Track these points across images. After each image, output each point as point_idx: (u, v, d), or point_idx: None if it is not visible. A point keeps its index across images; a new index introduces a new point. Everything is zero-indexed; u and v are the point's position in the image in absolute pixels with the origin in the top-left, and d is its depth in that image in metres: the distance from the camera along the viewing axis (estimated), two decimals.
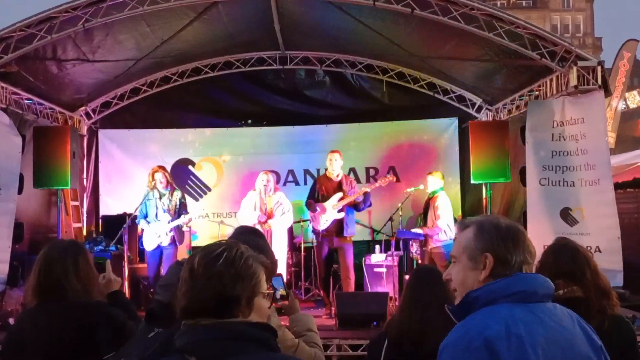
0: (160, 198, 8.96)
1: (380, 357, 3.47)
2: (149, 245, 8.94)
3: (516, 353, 1.96)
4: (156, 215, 8.94)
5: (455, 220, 9.55)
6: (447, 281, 2.31)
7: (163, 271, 8.97)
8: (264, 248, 3.09)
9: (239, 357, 1.97)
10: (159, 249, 8.94)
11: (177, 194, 9.08)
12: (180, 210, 9.02)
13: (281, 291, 3.27)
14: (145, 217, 9.02)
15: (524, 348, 1.97)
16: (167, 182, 8.99)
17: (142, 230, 9.17)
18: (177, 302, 2.14)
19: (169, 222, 8.88)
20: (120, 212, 10.54)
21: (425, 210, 9.26)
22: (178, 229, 9.01)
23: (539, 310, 2.09)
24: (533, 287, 2.12)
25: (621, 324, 3.32)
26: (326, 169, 9.24)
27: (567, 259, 3.42)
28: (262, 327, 2.09)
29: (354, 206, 9.02)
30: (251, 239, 3.13)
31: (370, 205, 9.15)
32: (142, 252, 9.48)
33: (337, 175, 9.10)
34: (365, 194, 8.96)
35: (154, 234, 8.88)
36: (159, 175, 8.93)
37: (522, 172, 8.70)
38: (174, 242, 8.98)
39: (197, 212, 10.92)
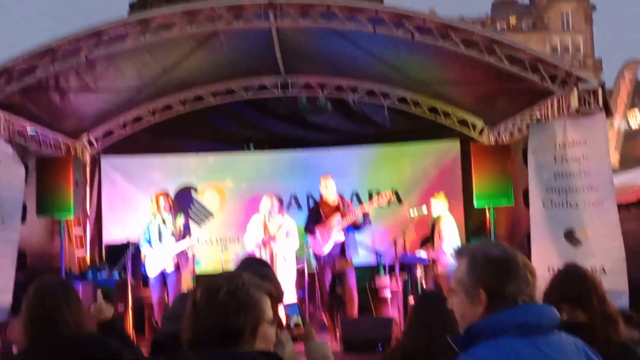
0: (165, 222, 9.00)
1: None
2: (152, 271, 8.96)
3: None
4: (160, 239, 8.96)
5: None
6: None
7: (168, 298, 8.96)
8: (269, 277, 3.09)
9: None
10: (162, 274, 8.94)
11: (181, 218, 9.12)
12: (185, 233, 9.06)
13: (296, 319, 3.24)
14: (149, 242, 9.04)
15: None
16: (170, 206, 9.03)
17: (145, 255, 9.16)
18: (183, 335, 2.16)
19: (172, 247, 8.90)
20: (124, 239, 10.49)
21: (431, 234, 9.27)
22: (182, 254, 9.03)
23: (543, 343, 2.05)
24: (537, 319, 2.08)
25: (627, 350, 3.30)
26: (322, 195, 9.31)
27: (574, 283, 3.42)
28: (267, 356, 2.10)
29: (355, 227, 9.05)
30: (256, 269, 3.14)
31: (369, 223, 9.19)
32: (145, 278, 9.46)
33: (334, 201, 9.17)
34: (364, 215, 9.00)
35: (158, 259, 8.89)
36: (162, 200, 8.98)
37: (526, 194, 8.70)
38: (177, 268, 8.99)
39: (200, 238, 10.95)
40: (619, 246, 7.73)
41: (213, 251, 10.77)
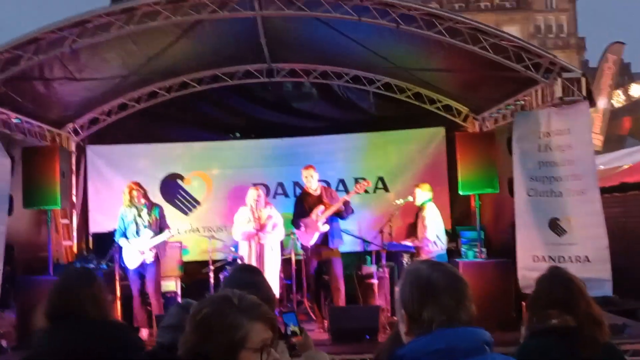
0: (140, 215, 8.99)
1: None
2: (130, 263, 8.98)
3: None
4: (137, 232, 8.96)
5: (446, 231, 9.65)
6: None
7: (148, 287, 8.99)
8: (259, 285, 3.09)
9: None
10: (142, 266, 8.96)
11: (157, 209, 9.11)
12: (162, 225, 9.06)
13: (293, 327, 3.22)
14: (124, 234, 9.04)
15: None
16: (144, 197, 9.02)
17: (123, 248, 9.11)
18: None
19: (151, 238, 8.91)
20: (111, 228, 10.44)
21: (415, 222, 9.35)
22: (161, 245, 9.04)
23: None
24: (451, 343, 2.06)
25: (613, 352, 3.39)
26: (304, 186, 9.37)
27: (561, 288, 3.46)
28: None
29: (339, 215, 9.12)
30: (246, 276, 3.18)
31: (352, 212, 9.29)
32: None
33: (316, 190, 9.24)
34: (345, 203, 9.06)
35: (136, 252, 8.91)
36: (134, 191, 8.96)
37: (510, 183, 8.77)
38: (157, 258, 9.01)
39: (186, 226, 10.98)
40: (602, 234, 7.83)
41: (200, 240, 10.78)
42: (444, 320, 2.11)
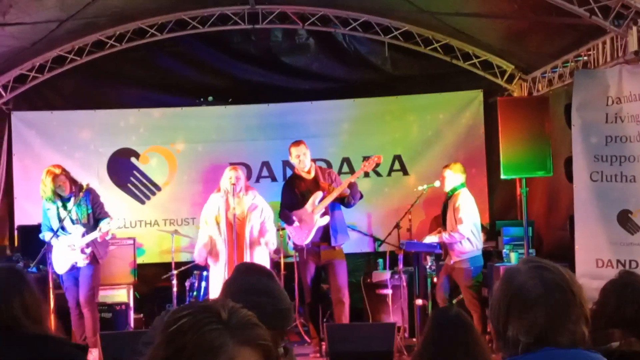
0: (65, 206, 8.93)
1: None
2: (60, 266, 8.93)
3: None
4: (63, 228, 8.92)
5: (482, 226, 9.63)
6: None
7: (80, 297, 8.97)
8: (274, 292, 3.13)
9: None
10: (75, 269, 8.93)
11: (85, 199, 9.01)
12: (98, 213, 9.00)
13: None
14: (51, 229, 9.01)
15: None
16: (70, 184, 8.96)
17: (50, 246, 9.06)
18: None
19: (83, 236, 8.87)
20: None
21: (443, 214, 9.32)
22: (99, 243, 8.99)
23: None
24: None
25: None
26: (294, 168, 9.33)
27: (633, 303, 3.43)
28: None
29: (342, 202, 9.08)
30: (259, 281, 3.17)
31: (361, 197, 9.23)
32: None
33: (309, 171, 9.17)
34: (351, 185, 9.01)
35: (65, 252, 8.87)
36: (58, 178, 8.87)
37: (568, 164, 8.73)
38: (94, 260, 8.95)
39: (142, 218, 10.95)
40: None
41: (160, 236, 10.77)
42: (530, 343, 2.12)
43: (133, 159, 11.50)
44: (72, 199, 8.93)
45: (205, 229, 9.09)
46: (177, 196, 11.48)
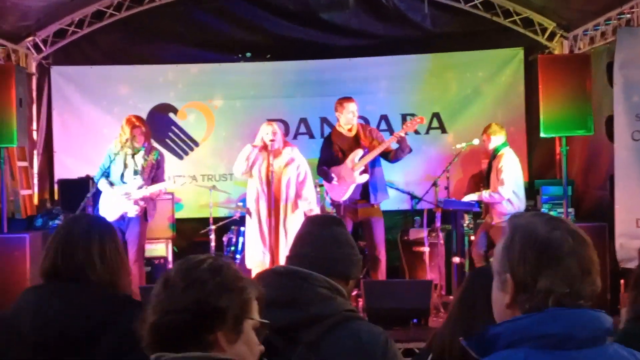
0: (133, 156, 8.97)
1: None
2: (109, 214, 8.91)
3: None
4: (122, 175, 8.95)
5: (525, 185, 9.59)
6: None
7: (129, 251, 9.00)
8: (354, 243, 3.24)
9: None
10: (123, 219, 8.97)
11: (155, 155, 9.08)
12: (158, 175, 9.05)
13: None
14: (108, 176, 9.06)
15: None
16: (146, 137, 9.00)
17: (100, 193, 9.10)
18: (143, 324, 2.20)
19: (139, 188, 8.91)
20: (82, 174, 10.61)
21: (487, 174, 9.28)
22: (150, 200, 9.04)
23: None
24: (567, 329, 2.07)
25: None
26: (338, 124, 9.30)
27: None
28: None
29: (385, 157, 9.06)
30: (340, 233, 3.23)
31: (410, 151, 9.19)
32: None
33: (351, 129, 9.16)
34: (401, 140, 8.97)
35: (118, 201, 8.89)
36: (136, 129, 8.88)
37: (609, 123, 8.66)
38: (143, 216, 9.00)
39: (181, 174, 11.02)
40: None
41: (198, 191, 10.83)
42: (566, 293, 2.10)
43: (171, 115, 11.55)
44: (142, 152, 8.99)
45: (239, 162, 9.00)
46: (215, 152, 11.53)
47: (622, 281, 7.65)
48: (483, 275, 3.61)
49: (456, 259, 9.35)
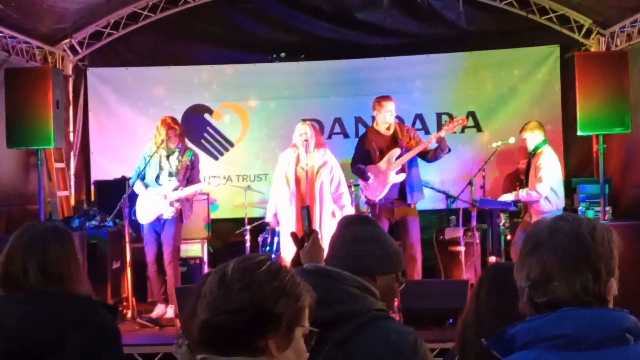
0: (168, 157, 9.00)
1: None
2: (145, 216, 8.96)
3: None
4: (157, 177, 9.00)
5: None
6: None
7: (164, 251, 9.04)
8: (379, 237, 3.20)
9: None
10: (159, 221, 9.03)
11: (189, 155, 9.10)
12: (193, 175, 9.07)
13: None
14: (143, 178, 9.12)
15: None
16: (180, 138, 9.03)
17: (137, 196, 9.12)
18: (194, 320, 2.19)
19: (174, 190, 8.94)
20: (118, 175, 10.68)
21: (526, 172, 9.23)
22: (186, 201, 9.07)
23: None
24: (580, 329, 2.07)
25: None
26: (375, 123, 9.29)
27: None
28: None
29: (423, 157, 9.03)
30: (362, 230, 3.22)
31: (449, 151, 9.17)
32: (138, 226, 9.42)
33: (388, 128, 9.14)
34: (440, 140, 8.94)
35: (154, 202, 8.92)
36: (171, 130, 8.90)
37: None
38: (179, 217, 9.02)
39: (216, 174, 11.05)
40: None
41: (233, 192, 10.85)
42: (577, 294, 2.11)
43: (206, 115, 11.60)
44: (177, 153, 9.03)
45: (273, 191, 9.16)
46: (250, 152, 11.57)
47: None
48: (502, 272, 3.56)
49: (492, 259, 9.29)
